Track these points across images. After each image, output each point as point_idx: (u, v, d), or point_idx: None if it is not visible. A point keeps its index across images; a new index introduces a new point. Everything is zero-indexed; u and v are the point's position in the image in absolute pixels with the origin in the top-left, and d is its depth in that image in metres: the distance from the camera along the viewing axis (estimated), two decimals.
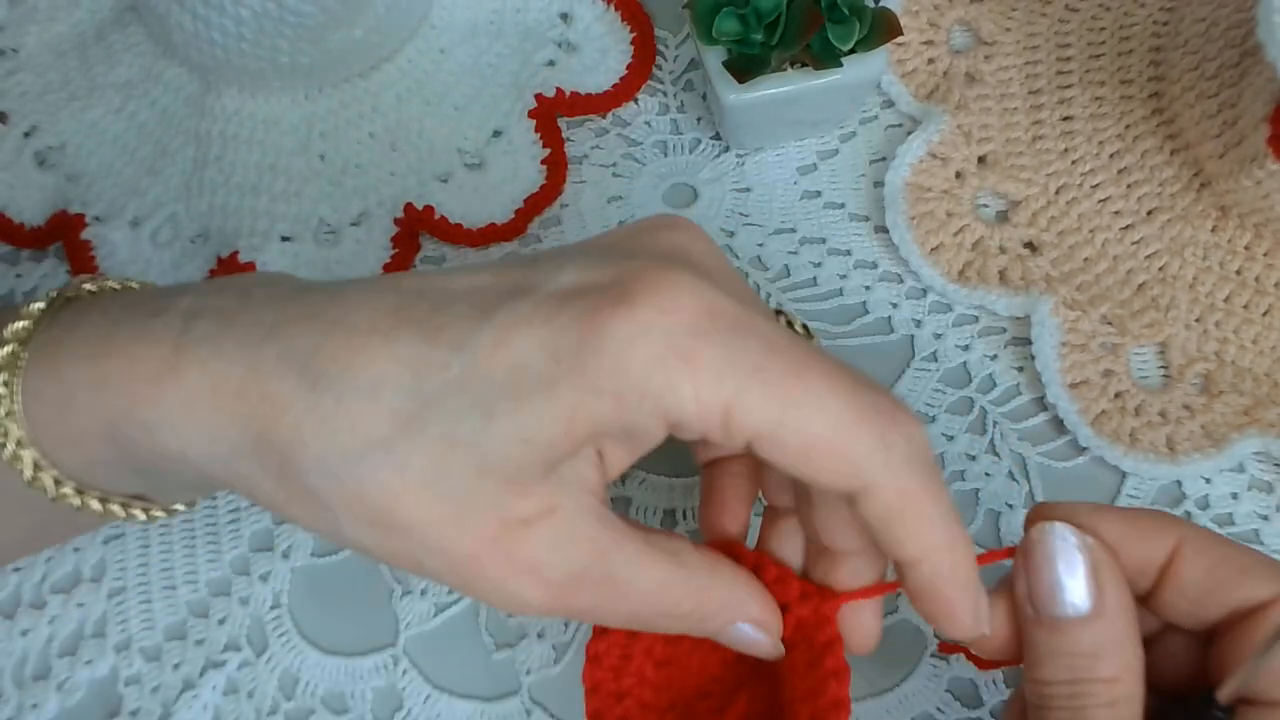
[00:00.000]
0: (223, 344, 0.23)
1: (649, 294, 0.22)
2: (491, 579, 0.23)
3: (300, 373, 0.22)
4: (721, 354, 0.22)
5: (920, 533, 0.24)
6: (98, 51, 0.43)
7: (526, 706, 0.34)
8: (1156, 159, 0.40)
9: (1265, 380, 0.38)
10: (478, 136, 0.42)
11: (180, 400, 0.23)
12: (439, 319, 0.23)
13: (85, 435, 0.24)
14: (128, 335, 0.24)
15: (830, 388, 0.23)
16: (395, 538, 0.23)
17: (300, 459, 0.22)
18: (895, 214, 0.40)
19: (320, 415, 0.22)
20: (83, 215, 0.41)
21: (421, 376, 0.22)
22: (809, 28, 0.36)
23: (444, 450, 0.22)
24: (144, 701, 0.35)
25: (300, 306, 0.24)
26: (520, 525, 0.23)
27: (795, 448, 0.22)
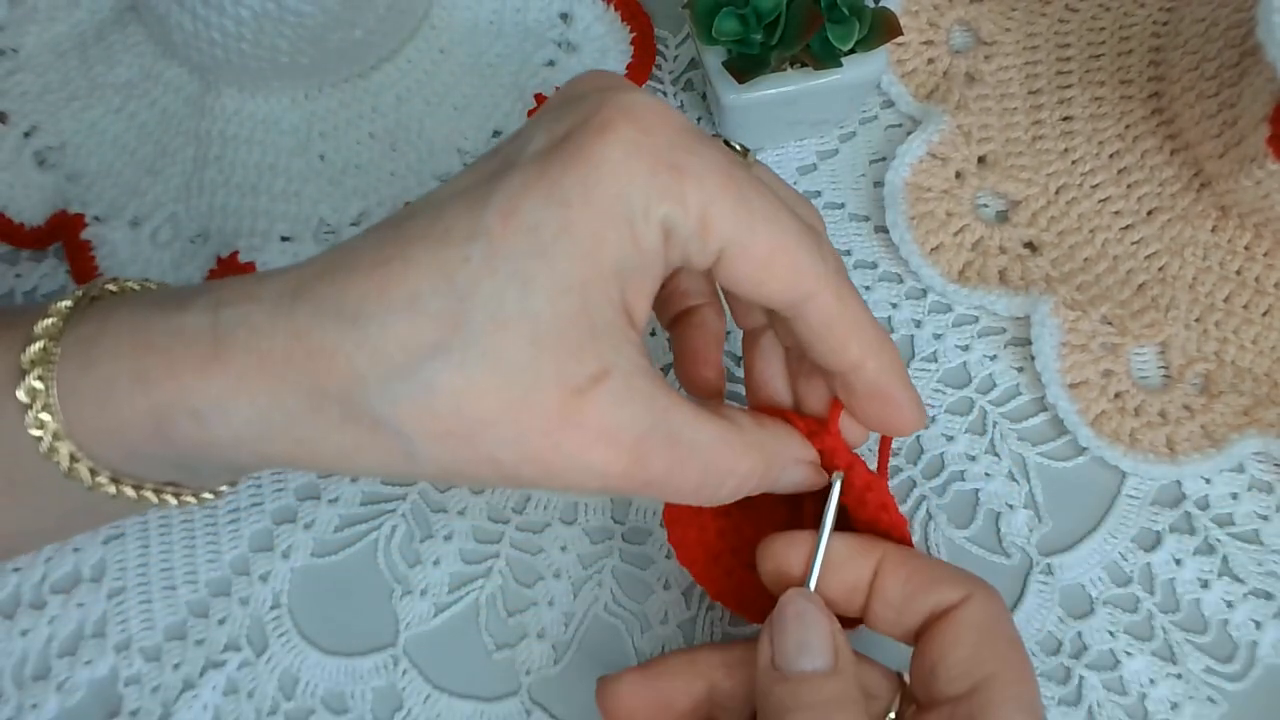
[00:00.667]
0: (256, 321, 0.24)
1: (626, 117, 0.23)
2: (567, 452, 0.24)
3: (337, 317, 0.23)
4: (699, 164, 0.24)
5: (861, 334, 0.27)
6: (98, 51, 0.43)
7: (526, 706, 0.34)
8: (1156, 159, 0.40)
9: (1265, 380, 0.38)
10: (478, 136, 0.42)
11: (229, 384, 0.24)
12: (442, 224, 0.23)
13: (126, 428, 0.25)
14: (162, 330, 0.24)
15: (779, 204, 0.25)
16: (471, 444, 0.23)
17: (362, 394, 0.23)
18: (895, 214, 0.40)
19: (370, 346, 0.23)
20: (82, 215, 0.41)
21: (449, 276, 0.23)
22: (809, 28, 0.36)
23: (495, 332, 0.23)
24: (144, 701, 0.35)
25: (313, 266, 0.24)
26: (581, 393, 0.23)
27: (758, 253, 0.25)
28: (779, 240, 0.25)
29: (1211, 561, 0.36)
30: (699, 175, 0.24)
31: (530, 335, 0.23)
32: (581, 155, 0.23)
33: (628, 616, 0.35)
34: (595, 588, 0.36)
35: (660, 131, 0.24)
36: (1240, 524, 0.36)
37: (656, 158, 0.23)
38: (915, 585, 0.28)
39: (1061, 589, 0.36)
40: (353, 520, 0.37)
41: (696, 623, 0.35)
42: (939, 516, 0.36)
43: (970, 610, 0.27)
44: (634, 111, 0.24)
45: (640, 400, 0.24)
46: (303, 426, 0.24)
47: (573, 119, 0.24)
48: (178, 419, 0.24)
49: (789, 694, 0.27)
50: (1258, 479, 0.37)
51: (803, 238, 0.25)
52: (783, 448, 0.28)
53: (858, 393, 0.28)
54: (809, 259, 0.25)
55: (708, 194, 0.24)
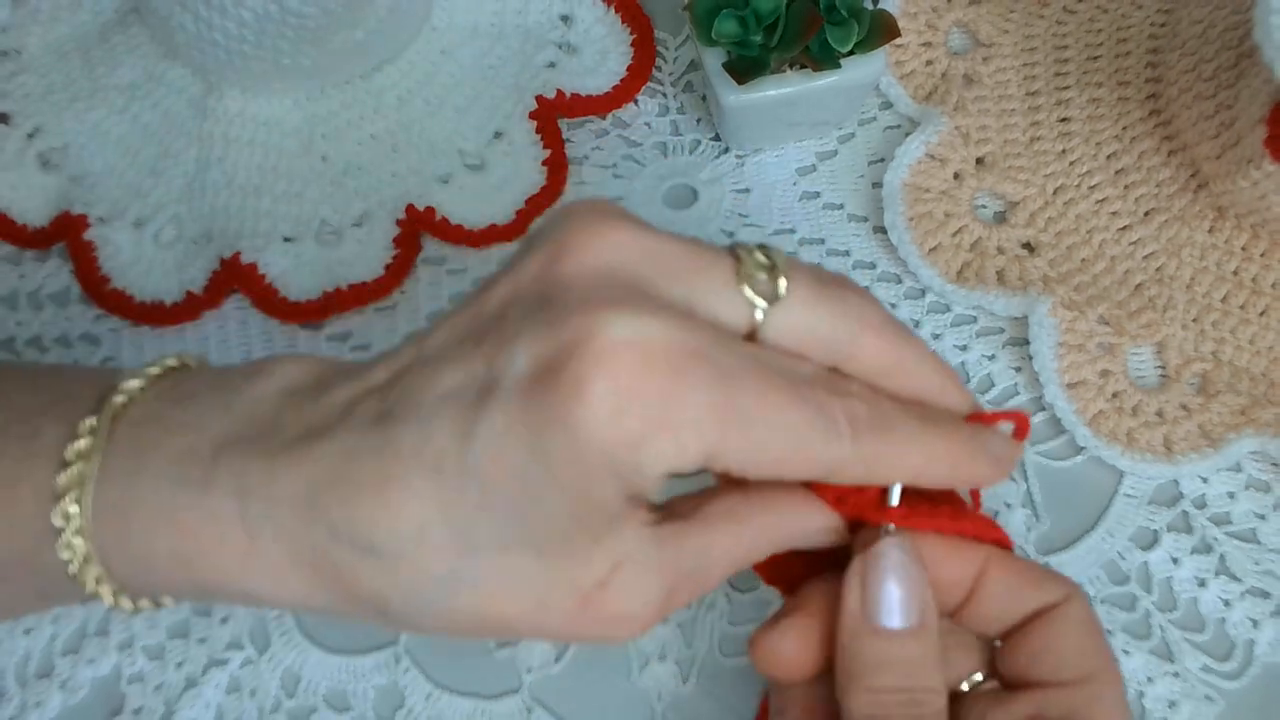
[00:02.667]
0: (281, 522, 0.25)
1: (603, 372, 0.22)
2: (593, 635, 0.25)
3: (352, 546, 0.24)
4: (694, 414, 0.23)
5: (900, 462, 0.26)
6: (100, 53, 0.43)
7: (527, 705, 0.34)
8: (1154, 160, 0.40)
9: (1262, 380, 0.38)
10: (479, 138, 0.42)
11: (266, 574, 0.25)
12: (432, 447, 0.23)
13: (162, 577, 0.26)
14: (194, 516, 0.25)
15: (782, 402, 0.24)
16: (495, 633, 0.26)
17: (389, 609, 0.25)
18: (894, 215, 0.40)
19: (388, 576, 0.24)
20: (85, 216, 0.41)
21: (449, 510, 0.23)
22: (808, 29, 0.36)
23: (501, 555, 0.24)
24: (147, 700, 0.35)
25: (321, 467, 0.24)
26: (598, 590, 0.24)
27: (767, 467, 0.24)
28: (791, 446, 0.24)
29: (1209, 560, 0.36)
30: (695, 426, 0.23)
31: (535, 553, 0.24)
32: (561, 417, 0.22)
33: None
34: None
35: (643, 385, 0.22)
36: (1237, 523, 0.37)
37: (644, 420, 0.22)
38: (1022, 584, 0.27)
39: None
40: None
41: (696, 623, 0.35)
42: None
43: (1076, 607, 0.27)
44: (610, 360, 0.22)
45: (655, 574, 0.25)
46: (343, 609, 0.25)
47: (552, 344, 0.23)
48: (206, 574, 0.25)
49: (876, 648, 0.26)
50: (1255, 478, 0.37)
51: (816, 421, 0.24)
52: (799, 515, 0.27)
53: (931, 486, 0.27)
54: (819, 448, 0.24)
55: (709, 436, 0.23)
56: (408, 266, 0.41)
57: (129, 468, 0.26)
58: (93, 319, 0.41)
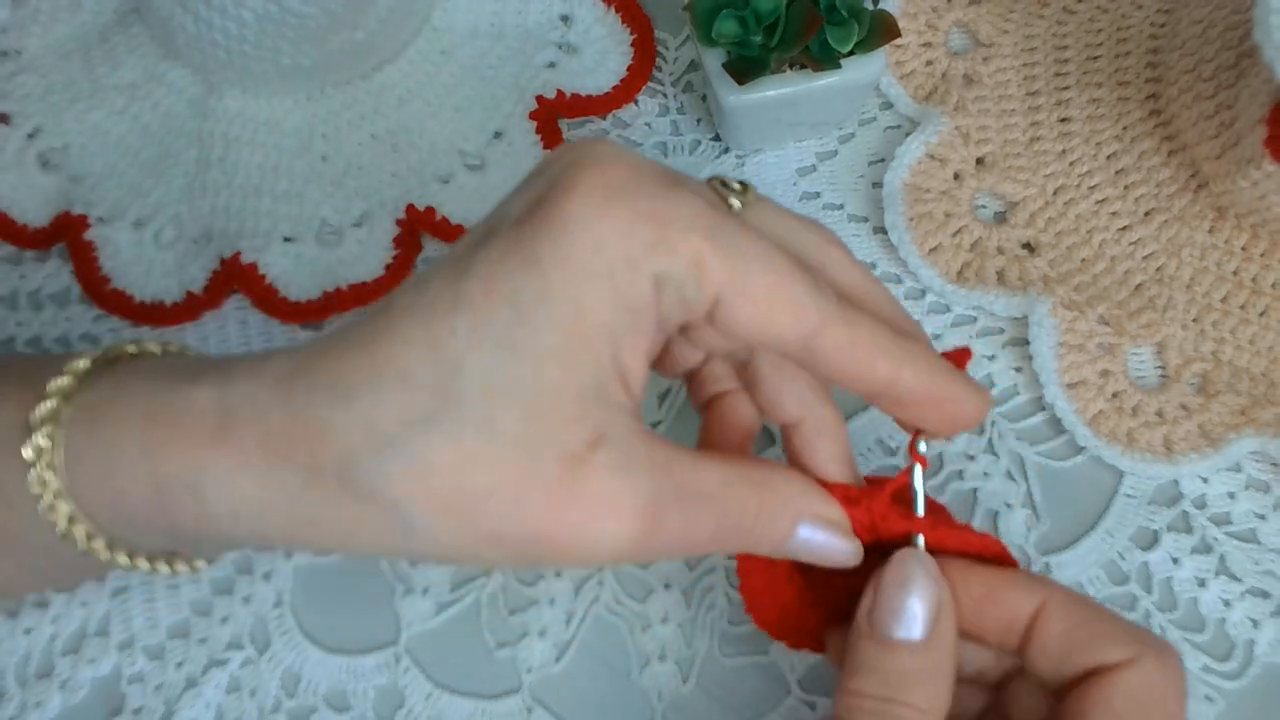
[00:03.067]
0: (260, 398, 0.24)
1: (594, 170, 0.23)
2: (575, 525, 0.23)
3: (330, 393, 0.23)
4: (680, 209, 0.23)
5: (884, 350, 0.25)
6: (100, 53, 0.43)
7: (527, 704, 0.34)
8: (1154, 160, 0.40)
9: (1262, 380, 0.38)
10: (479, 138, 0.42)
11: (232, 462, 0.24)
12: (427, 296, 0.23)
13: (127, 497, 0.25)
14: (171, 402, 0.25)
15: (767, 244, 0.24)
16: (469, 519, 0.23)
17: (357, 468, 0.23)
18: (894, 215, 0.40)
19: (364, 422, 0.23)
20: (86, 216, 0.41)
21: (437, 349, 0.23)
22: (808, 30, 0.36)
23: (487, 403, 0.22)
24: (147, 700, 0.35)
25: (314, 346, 0.25)
26: (580, 462, 0.23)
27: (757, 296, 0.24)
28: (776, 278, 0.24)
29: (1209, 560, 0.36)
30: (683, 220, 0.23)
31: (521, 404, 0.23)
32: (552, 217, 0.23)
33: (628, 615, 0.36)
34: (596, 586, 0.36)
35: (632, 180, 0.23)
36: (1237, 523, 0.37)
37: (633, 207, 0.23)
38: (1079, 638, 0.26)
39: None
40: None
41: (696, 622, 0.35)
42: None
43: (1134, 676, 0.25)
44: (602, 163, 0.23)
45: (641, 463, 0.24)
46: (301, 504, 0.23)
47: (545, 181, 0.24)
48: (179, 493, 0.24)
49: (873, 654, 0.26)
50: (1255, 478, 0.37)
51: (797, 274, 0.24)
52: (798, 496, 0.27)
53: (908, 404, 0.26)
54: (807, 293, 0.24)
55: (696, 239, 0.23)
56: (408, 267, 0.41)
57: (114, 380, 0.26)
58: (93, 319, 0.41)
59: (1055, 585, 0.27)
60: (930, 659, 0.26)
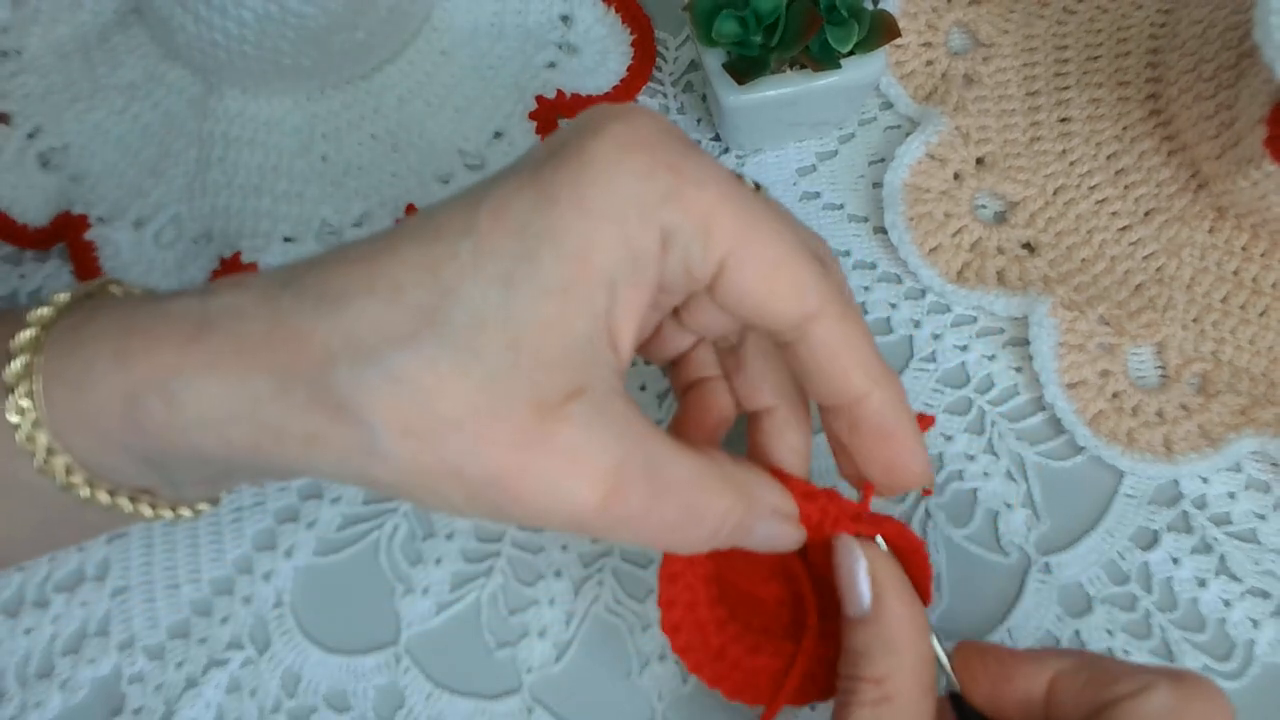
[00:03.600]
0: (241, 306, 0.23)
1: (621, 119, 0.23)
2: (536, 474, 0.22)
3: (317, 300, 0.23)
4: (698, 168, 0.23)
5: (866, 363, 0.26)
6: (101, 53, 0.43)
7: (528, 705, 0.34)
8: (1154, 160, 0.40)
9: (1262, 380, 0.38)
10: (479, 138, 0.42)
11: (204, 362, 0.23)
12: (434, 222, 0.23)
13: (101, 413, 0.24)
14: (149, 314, 0.24)
15: (783, 218, 0.25)
16: (433, 446, 0.22)
17: (330, 375, 0.22)
18: (894, 215, 0.40)
19: (344, 329, 0.22)
20: (86, 216, 0.41)
21: (434, 270, 0.22)
22: (808, 30, 0.36)
23: (472, 333, 0.22)
24: (147, 700, 0.35)
25: (308, 260, 0.24)
26: (553, 409, 0.22)
27: (763, 265, 0.24)
28: (783, 252, 0.24)
29: (1209, 560, 0.36)
30: (699, 178, 0.23)
31: (507, 339, 0.22)
32: (573, 155, 0.23)
33: (628, 615, 0.36)
34: (596, 586, 0.36)
35: (655, 134, 0.23)
36: (1237, 523, 0.37)
37: (653, 157, 0.23)
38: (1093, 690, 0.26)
39: (1060, 588, 0.36)
40: (355, 519, 0.37)
41: None
42: (937, 515, 0.37)
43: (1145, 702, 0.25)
44: (629, 116, 0.23)
45: (616, 425, 0.23)
46: (268, 409, 0.23)
47: (571, 130, 0.24)
48: (149, 398, 0.24)
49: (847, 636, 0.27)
50: (1255, 478, 0.37)
51: (806, 254, 0.24)
52: (763, 492, 0.27)
53: (861, 430, 0.27)
54: (813, 275, 0.24)
55: (710, 197, 0.23)
56: None
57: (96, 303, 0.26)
58: None
59: (1060, 655, 0.27)
60: (879, 631, 0.27)
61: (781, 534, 0.28)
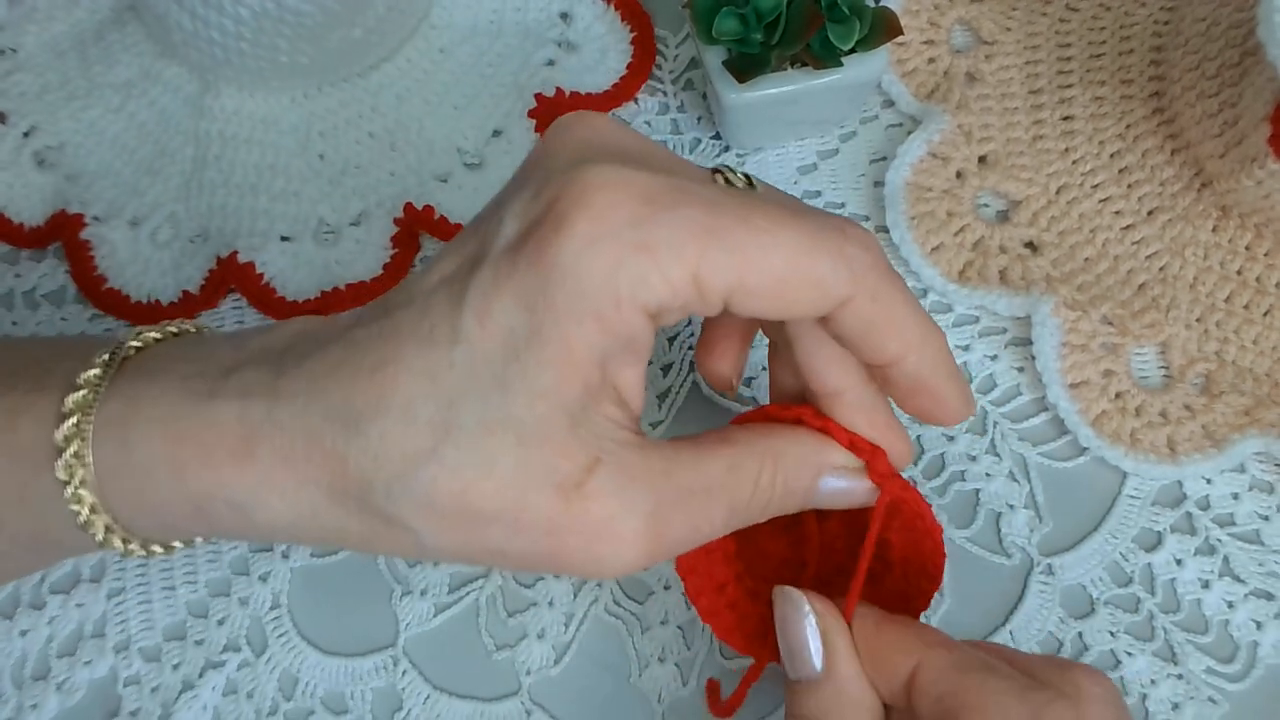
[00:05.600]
0: (280, 420, 0.25)
1: (581, 208, 0.23)
2: (577, 549, 0.24)
3: (344, 424, 0.24)
4: (671, 231, 0.23)
5: (899, 330, 0.25)
6: (97, 51, 0.43)
7: (526, 707, 0.34)
8: (1157, 159, 0.40)
9: (1266, 380, 0.38)
10: (477, 136, 0.42)
11: (260, 478, 0.25)
12: (428, 321, 0.24)
13: (165, 509, 0.26)
14: (193, 422, 0.25)
15: (778, 223, 0.24)
16: (475, 537, 0.24)
17: (371, 496, 0.24)
18: (895, 214, 0.40)
19: (372, 453, 0.24)
20: (82, 215, 0.41)
21: (437, 382, 0.23)
22: (809, 27, 0.36)
23: (484, 437, 0.23)
24: (143, 702, 0.35)
25: (325, 359, 0.25)
26: (576, 487, 0.24)
27: (768, 289, 0.24)
28: (791, 262, 0.23)
29: (1212, 562, 0.36)
30: (675, 245, 0.23)
31: (515, 438, 0.23)
32: (541, 256, 0.23)
33: (628, 617, 0.35)
34: (595, 588, 0.36)
35: (619, 211, 0.23)
36: (1241, 524, 0.36)
37: (619, 244, 0.22)
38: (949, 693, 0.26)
39: (1062, 589, 0.35)
40: None
41: (696, 623, 0.35)
42: (940, 516, 0.36)
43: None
44: (589, 198, 0.23)
45: (639, 479, 0.24)
46: (328, 517, 0.25)
47: (538, 204, 0.23)
48: (218, 507, 0.25)
49: (789, 699, 0.27)
50: (1259, 479, 0.37)
51: (816, 249, 0.24)
52: (811, 455, 0.27)
53: (899, 386, 0.27)
54: (828, 267, 0.24)
55: (690, 256, 0.23)
56: (406, 266, 0.40)
57: (133, 390, 0.26)
58: (89, 319, 0.41)
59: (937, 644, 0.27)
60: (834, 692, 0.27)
61: (852, 489, 0.28)
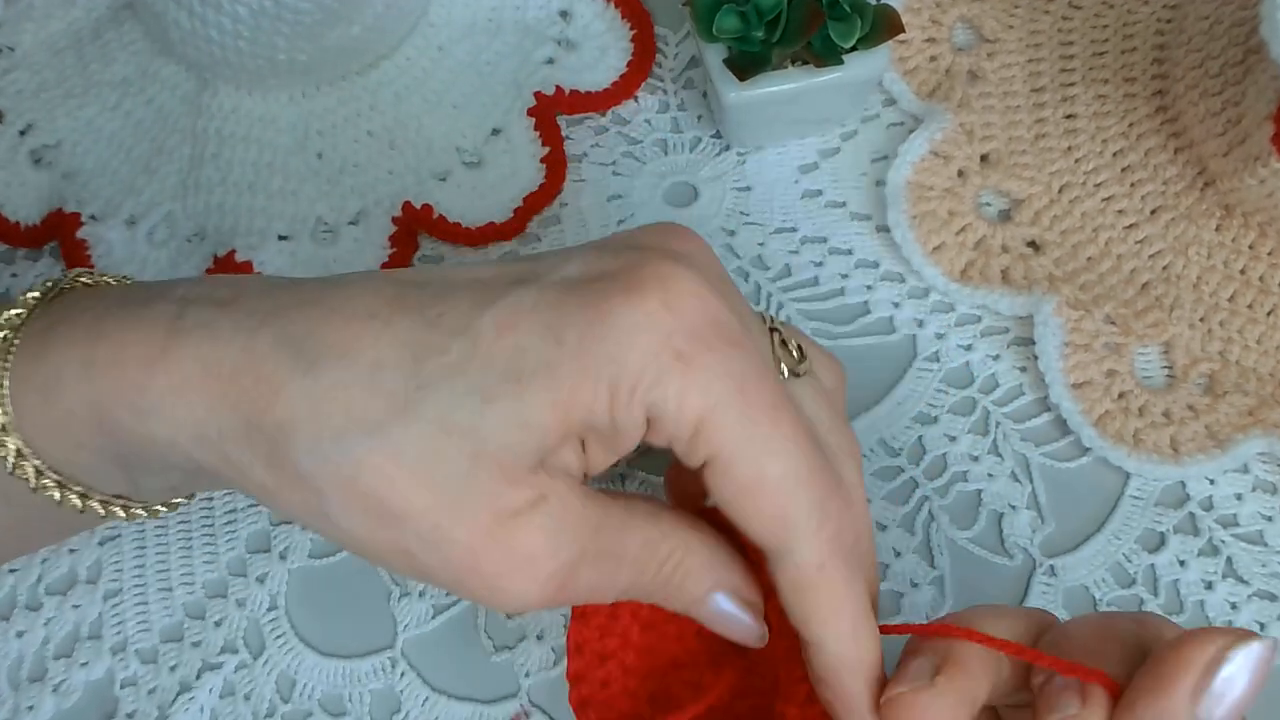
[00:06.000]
0: (218, 329, 0.23)
1: (658, 287, 0.22)
2: (487, 575, 0.22)
3: (295, 356, 0.22)
4: (714, 364, 0.22)
5: (827, 616, 0.24)
6: (94, 49, 0.43)
7: (526, 708, 0.34)
8: (1160, 157, 0.40)
9: (1270, 380, 0.37)
10: (476, 135, 0.42)
11: (172, 384, 0.23)
12: (440, 306, 0.23)
13: (70, 419, 0.24)
14: (119, 322, 0.24)
15: (797, 436, 0.23)
16: (387, 527, 0.22)
17: (292, 443, 0.22)
18: (897, 213, 0.40)
19: (314, 398, 0.22)
20: (78, 214, 0.41)
21: (420, 360, 0.22)
22: (810, 25, 0.36)
23: (438, 435, 0.22)
24: (140, 704, 0.34)
25: (296, 294, 0.23)
26: (512, 516, 0.22)
27: (744, 482, 0.23)
28: (775, 479, 0.22)
29: (1215, 563, 0.36)
30: (708, 377, 0.22)
31: (471, 451, 0.22)
32: (596, 306, 0.22)
33: None
34: None
35: (686, 316, 0.22)
36: (1245, 525, 0.36)
37: (668, 341, 0.22)
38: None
39: (1065, 590, 0.35)
40: None
41: None
42: (941, 517, 0.36)
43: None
44: (669, 285, 0.22)
45: (573, 526, 0.23)
46: (234, 449, 0.23)
47: (616, 263, 0.23)
48: (118, 412, 0.23)
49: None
50: (1262, 480, 0.37)
51: (808, 484, 0.23)
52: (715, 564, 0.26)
53: (811, 666, 0.25)
54: (804, 509, 0.23)
55: (712, 398, 0.22)
56: (404, 265, 0.40)
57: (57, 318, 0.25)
58: None
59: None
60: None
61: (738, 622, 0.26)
